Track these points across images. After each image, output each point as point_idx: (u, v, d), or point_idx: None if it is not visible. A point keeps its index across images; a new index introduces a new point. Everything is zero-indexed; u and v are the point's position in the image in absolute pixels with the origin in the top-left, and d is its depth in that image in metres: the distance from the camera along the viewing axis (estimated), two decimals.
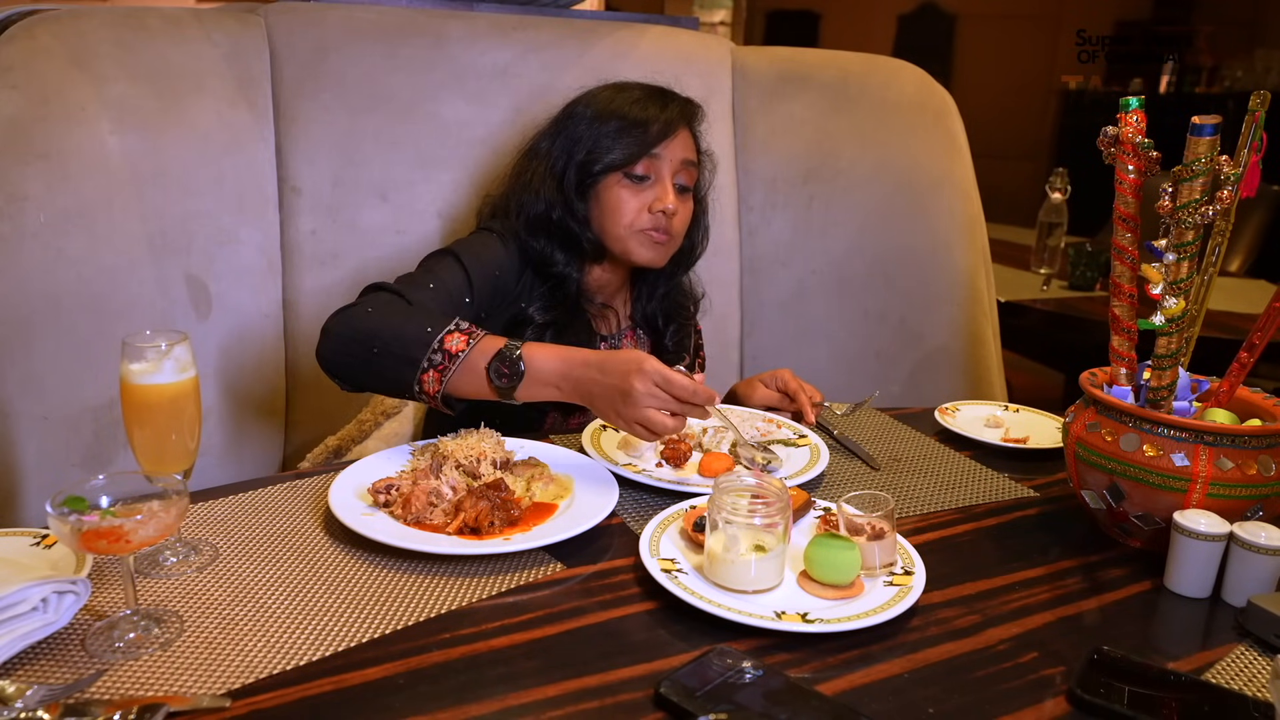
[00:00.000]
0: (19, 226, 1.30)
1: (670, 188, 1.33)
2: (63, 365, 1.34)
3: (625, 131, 1.31)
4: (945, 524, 1.08)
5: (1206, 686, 0.78)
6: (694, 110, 1.39)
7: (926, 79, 1.96)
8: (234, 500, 1.05)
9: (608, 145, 1.31)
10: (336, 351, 1.15)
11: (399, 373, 1.11)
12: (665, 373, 1.05)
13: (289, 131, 1.59)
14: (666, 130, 1.32)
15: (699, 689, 0.72)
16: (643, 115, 1.31)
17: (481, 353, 1.11)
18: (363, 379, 1.17)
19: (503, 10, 1.79)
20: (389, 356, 1.12)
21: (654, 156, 1.31)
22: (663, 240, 1.34)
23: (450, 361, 1.10)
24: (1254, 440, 0.95)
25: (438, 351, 1.10)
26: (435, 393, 1.11)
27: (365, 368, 1.14)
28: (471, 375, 1.11)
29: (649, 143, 1.31)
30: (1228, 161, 0.93)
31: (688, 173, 1.36)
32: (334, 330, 1.16)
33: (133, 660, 0.75)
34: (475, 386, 1.12)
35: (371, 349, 1.13)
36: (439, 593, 0.87)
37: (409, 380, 1.11)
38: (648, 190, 1.33)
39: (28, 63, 1.37)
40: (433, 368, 1.10)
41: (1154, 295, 0.99)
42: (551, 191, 1.34)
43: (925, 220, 1.89)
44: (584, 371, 1.09)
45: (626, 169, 1.31)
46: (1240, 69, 5.52)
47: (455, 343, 1.11)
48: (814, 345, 1.91)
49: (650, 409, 1.06)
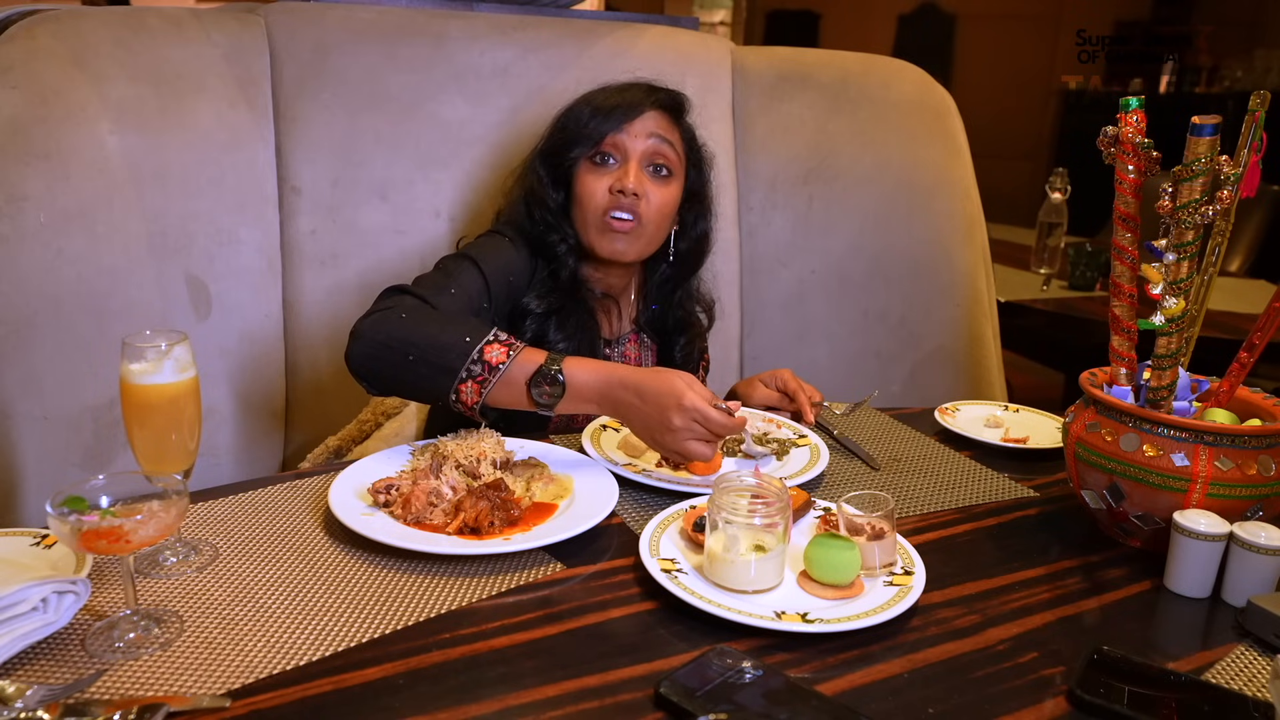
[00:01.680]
0: (19, 226, 1.30)
1: (634, 168, 1.31)
2: (63, 365, 1.34)
3: (592, 116, 1.32)
4: (945, 524, 1.08)
5: (1206, 686, 0.78)
6: (669, 95, 1.37)
7: (926, 79, 1.96)
8: (234, 500, 1.05)
9: (574, 131, 1.32)
10: (369, 357, 1.14)
11: (435, 381, 1.11)
12: (704, 410, 1.06)
13: (289, 131, 1.59)
14: (631, 111, 1.31)
15: (699, 689, 0.72)
16: (610, 101, 1.32)
17: (521, 367, 1.10)
18: (394, 385, 1.16)
19: (503, 10, 1.79)
20: (425, 365, 1.11)
21: (617, 133, 1.31)
22: (624, 227, 1.30)
23: (490, 374, 1.10)
24: (1254, 440, 0.95)
25: (477, 363, 1.10)
26: (474, 404, 1.11)
27: (399, 375, 1.13)
28: (512, 389, 1.11)
29: (612, 122, 1.30)
30: (1228, 161, 0.93)
31: (660, 152, 1.32)
32: (366, 334, 1.14)
33: (133, 660, 0.75)
34: (514, 399, 1.12)
35: (407, 356, 1.11)
36: (439, 593, 0.87)
37: (445, 389, 1.11)
38: (613, 172, 1.32)
39: (28, 63, 1.37)
40: (472, 379, 1.10)
41: (1154, 295, 0.99)
42: (534, 185, 1.36)
43: (925, 220, 1.89)
44: (622, 394, 1.10)
45: (591, 152, 1.32)
46: (1240, 69, 5.52)
47: (495, 354, 1.10)
48: (814, 345, 1.91)
49: (688, 441, 1.08)
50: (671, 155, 1.34)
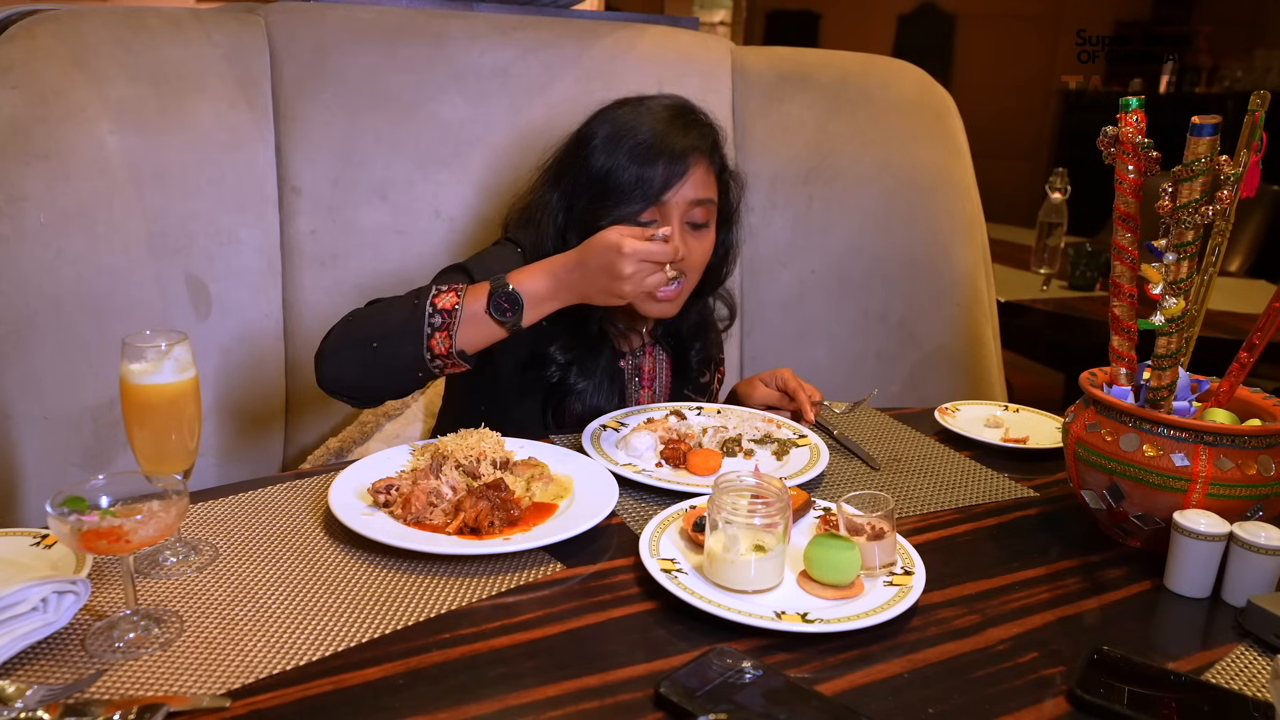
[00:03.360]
0: (19, 226, 1.30)
1: (677, 235, 1.24)
2: (63, 365, 1.34)
3: (632, 173, 1.23)
4: (945, 524, 1.08)
5: (1206, 686, 0.78)
6: (711, 138, 1.30)
7: (926, 79, 1.96)
8: (234, 500, 1.05)
9: (613, 191, 1.24)
10: (337, 366, 1.17)
11: (406, 351, 1.12)
12: (644, 248, 1.07)
13: (289, 131, 1.59)
14: (675, 167, 1.24)
15: (699, 689, 0.72)
16: (652, 152, 1.23)
17: (476, 300, 1.12)
18: (372, 382, 1.17)
19: (503, 10, 1.79)
20: (389, 344, 1.13)
21: (661, 202, 1.25)
22: (670, 296, 1.27)
23: (450, 317, 1.12)
24: (1254, 440, 0.95)
25: (435, 314, 1.12)
26: (448, 351, 1.12)
27: (371, 369, 1.15)
28: (476, 322, 1.12)
29: (655, 192, 1.24)
30: (1228, 161, 0.93)
31: (702, 210, 1.28)
32: (326, 350, 1.17)
33: (133, 660, 0.75)
34: (483, 331, 1.13)
35: (371, 345, 1.14)
36: (439, 593, 0.87)
37: (418, 354, 1.12)
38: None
39: (28, 63, 1.37)
40: (436, 330, 1.11)
41: (1154, 295, 0.99)
42: (560, 235, 1.30)
43: (925, 220, 1.89)
44: (570, 275, 1.12)
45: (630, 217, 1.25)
46: (1240, 69, 5.52)
47: (446, 300, 1.13)
48: (814, 345, 1.91)
49: (645, 279, 1.09)
50: (712, 206, 1.30)
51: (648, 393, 1.46)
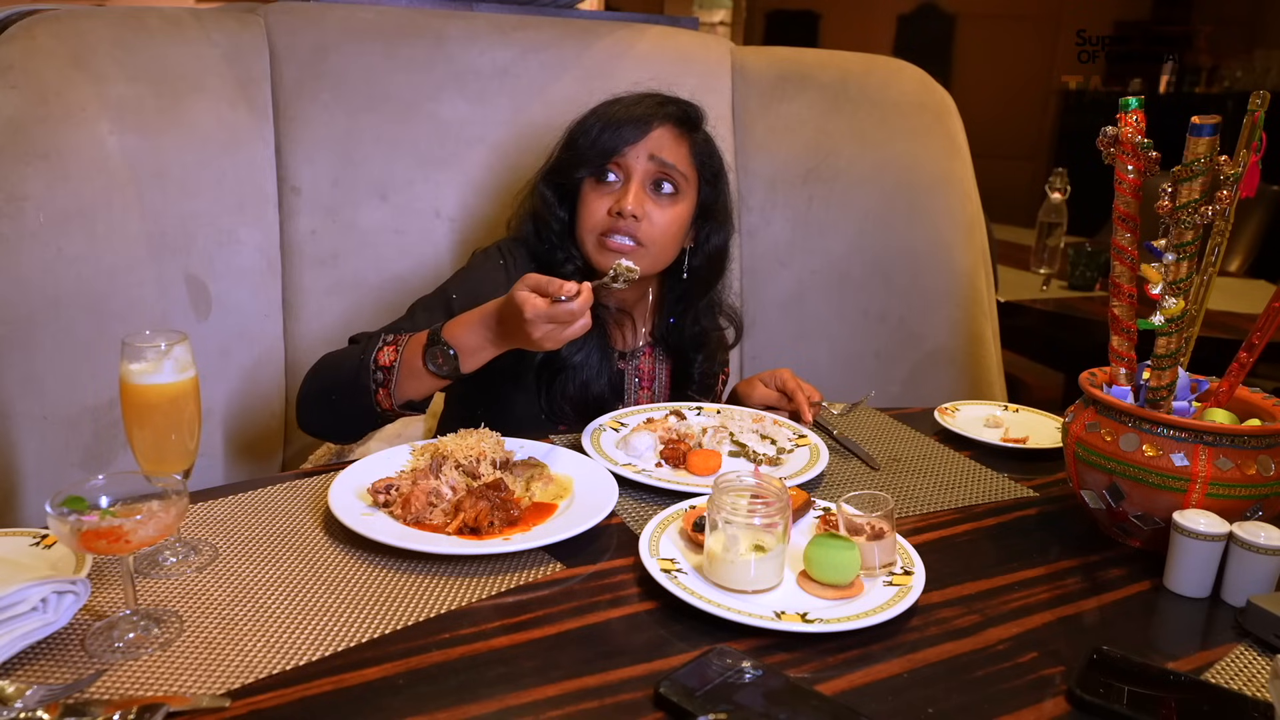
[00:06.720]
0: (19, 226, 1.30)
1: (635, 188, 1.28)
2: (63, 365, 1.34)
3: (600, 132, 1.29)
4: (945, 524, 1.08)
5: (1206, 686, 0.78)
6: (680, 108, 1.33)
7: (926, 79, 1.96)
8: (234, 500, 1.05)
9: (581, 147, 1.30)
10: (308, 414, 1.24)
11: (360, 406, 1.16)
12: (549, 313, 1.04)
13: (289, 131, 1.59)
14: (638, 127, 1.28)
15: (699, 689, 0.72)
16: (619, 115, 1.29)
17: (412, 355, 1.14)
18: (341, 427, 1.25)
19: (503, 10, 1.79)
20: (345, 398, 1.17)
21: (622, 155, 1.28)
22: (624, 248, 1.28)
23: (388, 375, 1.15)
24: (1253, 440, 0.95)
25: (377, 370, 1.15)
26: (391, 407, 1.16)
27: (337, 419, 1.22)
28: (415, 376, 1.14)
29: (618, 139, 1.27)
30: (1227, 161, 0.93)
31: (664, 172, 1.29)
32: (300, 402, 1.24)
33: (132, 660, 0.75)
34: (425, 383, 1.15)
35: (330, 398, 1.19)
36: (439, 593, 0.87)
37: (371, 407, 1.16)
38: (615, 192, 1.30)
39: (28, 63, 1.37)
40: (379, 386, 1.15)
41: (1153, 295, 0.99)
42: (540, 205, 1.35)
43: (925, 220, 1.89)
44: (498, 328, 1.11)
45: (594, 171, 1.29)
46: (1240, 69, 5.53)
47: (386, 356, 1.15)
48: (814, 345, 1.91)
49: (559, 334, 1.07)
50: (678, 173, 1.30)
51: (647, 393, 1.46)
